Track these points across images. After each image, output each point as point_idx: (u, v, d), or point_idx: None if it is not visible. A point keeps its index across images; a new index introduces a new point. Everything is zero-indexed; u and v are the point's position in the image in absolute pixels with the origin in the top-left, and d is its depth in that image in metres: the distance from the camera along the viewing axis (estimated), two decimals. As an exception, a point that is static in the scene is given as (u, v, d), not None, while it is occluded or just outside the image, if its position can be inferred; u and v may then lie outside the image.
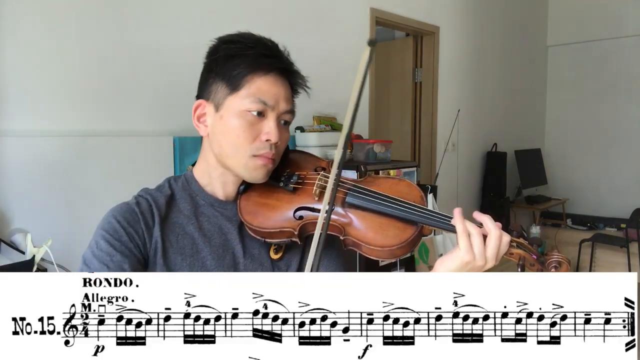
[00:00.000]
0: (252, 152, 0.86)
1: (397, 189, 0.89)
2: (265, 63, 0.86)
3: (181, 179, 0.95)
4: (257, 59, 0.86)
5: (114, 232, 0.83)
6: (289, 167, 0.95)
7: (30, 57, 1.88)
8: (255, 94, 0.85)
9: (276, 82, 0.87)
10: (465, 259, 0.77)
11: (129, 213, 0.86)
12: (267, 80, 0.86)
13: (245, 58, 0.85)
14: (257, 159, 0.87)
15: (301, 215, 0.88)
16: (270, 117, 0.87)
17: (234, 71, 0.85)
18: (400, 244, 0.82)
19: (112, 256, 0.81)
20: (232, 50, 0.86)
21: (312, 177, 0.92)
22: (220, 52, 0.87)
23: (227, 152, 0.88)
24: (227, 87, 0.86)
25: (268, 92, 0.86)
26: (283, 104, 0.88)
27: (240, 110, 0.85)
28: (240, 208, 0.90)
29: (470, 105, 4.39)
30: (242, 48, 0.86)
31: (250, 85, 0.85)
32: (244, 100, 0.85)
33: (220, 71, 0.87)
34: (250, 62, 0.85)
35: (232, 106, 0.86)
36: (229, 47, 0.87)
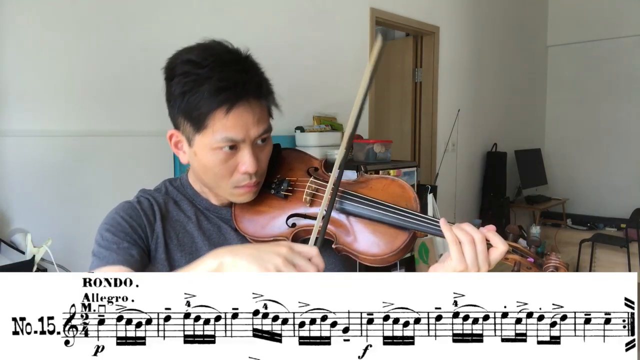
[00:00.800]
0: (234, 185, 0.85)
1: (390, 190, 0.87)
2: (223, 99, 0.77)
3: (177, 182, 0.96)
4: (214, 95, 0.77)
5: (118, 225, 0.83)
6: (280, 172, 0.94)
7: (30, 57, 1.88)
8: (221, 132, 0.79)
9: (241, 113, 0.79)
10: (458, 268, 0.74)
11: (131, 210, 0.86)
12: (231, 116, 0.78)
13: (201, 95, 0.77)
14: (239, 189, 0.86)
15: (294, 223, 0.88)
16: (243, 148, 0.82)
17: (193, 112, 0.79)
18: (392, 252, 0.81)
19: (119, 244, 0.81)
20: (186, 86, 0.79)
21: (303, 182, 0.91)
22: (174, 86, 0.81)
23: (210, 184, 0.88)
24: (191, 126, 0.81)
25: (233, 127, 0.79)
26: (254, 131, 0.81)
27: (211, 149, 0.81)
28: (234, 216, 0.91)
29: (470, 105, 4.39)
30: (195, 82, 0.78)
31: (214, 124, 0.79)
32: (211, 139, 0.80)
33: (180, 107, 0.81)
34: (207, 101, 0.77)
35: (202, 144, 0.82)
36: (182, 81, 0.79)
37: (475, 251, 0.74)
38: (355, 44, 3.25)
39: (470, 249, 0.74)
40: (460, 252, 0.74)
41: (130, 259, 0.80)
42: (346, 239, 0.84)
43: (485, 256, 0.75)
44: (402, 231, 0.82)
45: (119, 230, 0.83)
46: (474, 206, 4.59)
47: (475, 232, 0.76)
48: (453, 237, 0.75)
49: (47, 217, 1.89)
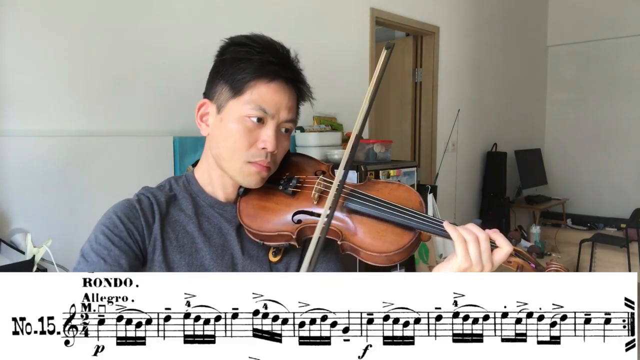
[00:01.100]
0: (248, 159, 0.87)
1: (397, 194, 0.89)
2: (270, 70, 0.85)
3: (182, 179, 0.96)
4: (263, 65, 0.84)
5: (114, 227, 0.83)
6: (288, 171, 0.95)
7: (30, 57, 1.88)
8: (256, 101, 0.84)
9: (279, 90, 0.86)
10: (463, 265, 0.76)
11: (130, 209, 0.86)
12: (270, 88, 0.85)
13: (251, 63, 0.84)
14: (251, 166, 0.87)
15: (299, 219, 0.88)
16: (269, 125, 0.86)
17: (238, 75, 0.85)
18: (398, 250, 0.82)
19: (110, 250, 0.81)
20: (240, 54, 0.85)
21: (312, 180, 0.92)
22: (228, 54, 0.87)
23: (224, 155, 0.88)
24: (230, 91, 0.86)
25: (270, 100, 0.85)
26: (284, 113, 0.87)
27: (240, 116, 0.85)
28: (239, 210, 0.91)
29: (470, 105, 4.39)
30: (249, 52, 0.85)
31: (253, 91, 0.85)
32: (244, 106, 0.85)
33: (226, 73, 0.86)
34: (255, 68, 0.84)
35: (233, 110, 0.86)
36: (237, 50, 0.86)
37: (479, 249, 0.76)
38: (355, 44, 3.25)
39: (475, 247, 0.76)
40: (466, 249, 0.76)
41: (118, 269, 0.80)
42: (352, 237, 0.85)
43: (489, 255, 0.77)
44: (407, 231, 0.83)
45: (114, 234, 0.82)
46: (474, 206, 4.59)
47: (480, 232, 0.78)
48: (459, 235, 0.77)
49: (47, 217, 1.89)
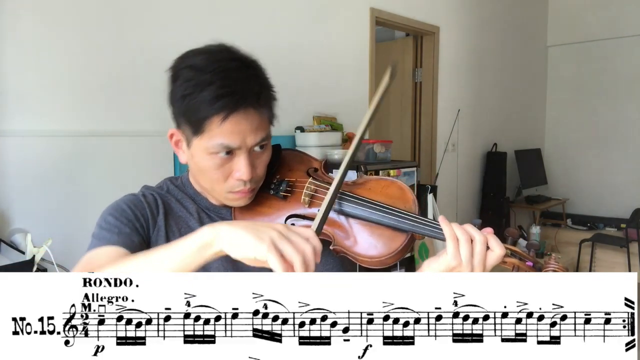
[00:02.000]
0: (228, 190, 0.86)
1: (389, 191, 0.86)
2: (221, 106, 0.78)
3: (178, 181, 0.97)
4: (213, 101, 0.78)
5: (122, 212, 0.84)
6: (279, 172, 0.94)
7: (30, 56, 1.88)
8: (218, 138, 0.80)
9: (239, 121, 0.80)
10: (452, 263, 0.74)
11: (136, 201, 0.88)
12: (228, 123, 0.79)
13: (201, 100, 0.78)
14: (234, 194, 0.87)
15: (292, 223, 0.87)
16: (239, 155, 0.83)
17: (192, 115, 0.80)
18: (390, 254, 0.80)
19: (121, 228, 0.82)
20: (187, 89, 0.79)
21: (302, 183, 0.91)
22: (176, 88, 0.82)
23: (206, 187, 0.89)
24: (190, 129, 0.82)
25: (231, 134, 0.80)
26: (251, 139, 0.82)
27: (207, 153, 0.82)
28: (234, 216, 0.91)
29: (470, 105, 4.39)
30: (196, 86, 0.79)
31: (212, 130, 0.80)
32: (208, 144, 0.81)
33: (181, 109, 0.82)
34: (206, 107, 0.78)
35: (199, 147, 0.83)
36: (184, 86, 0.80)
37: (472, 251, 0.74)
38: (356, 44, 3.25)
39: (467, 248, 0.74)
40: (457, 248, 0.74)
41: (131, 243, 0.80)
42: (344, 241, 0.83)
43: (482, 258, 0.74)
44: (400, 233, 0.81)
45: (123, 217, 0.83)
46: (474, 206, 4.59)
47: (476, 233, 0.75)
48: (451, 232, 0.75)
49: (47, 217, 1.89)
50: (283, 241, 0.64)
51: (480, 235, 0.75)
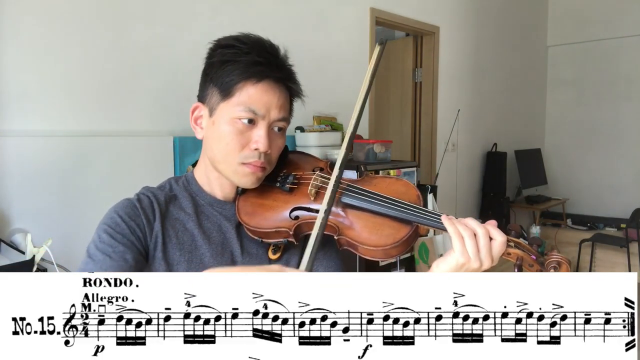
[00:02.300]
0: (241, 160, 0.87)
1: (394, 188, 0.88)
2: (256, 71, 0.84)
3: (182, 179, 0.97)
4: (250, 66, 0.84)
5: (116, 226, 0.84)
6: (286, 168, 0.96)
7: (30, 57, 1.88)
8: (246, 103, 0.84)
9: (268, 90, 0.85)
10: (460, 260, 0.76)
11: (130, 208, 0.87)
12: (258, 89, 0.85)
13: (238, 65, 0.84)
14: (245, 167, 0.87)
15: (297, 216, 0.88)
16: (260, 125, 0.86)
17: (226, 78, 0.85)
18: (395, 244, 0.81)
19: (114, 247, 0.81)
20: (226, 56, 0.85)
21: (308, 177, 0.92)
22: (215, 56, 0.87)
23: (218, 157, 0.89)
24: (219, 94, 0.86)
25: (259, 100, 0.84)
26: (275, 112, 0.86)
27: (230, 118, 0.85)
28: (238, 208, 0.91)
29: (470, 105, 4.39)
30: (236, 54, 0.85)
31: (241, 93, 0.84)
32: (234, 108, 0.85)
33: (214, 76, 0.86)
34: (242, 70, 0.84)
35: (223, 113, 0.86)
36: (224, 52, 0.86)
37: (477, 245, 0.76)
38: (355, 44, 3.24)
39: (472, 243, 0.76)
40: (463, 245, 0.76)
41: (124, 264, 0.80)
42: (349, 231, 0.85)
43: (488, 250, 0.76)
44: (404, 224, 0.83)
45: (117, 232, 0.83)
46: (474, 206, 4.59)
47: (478, 227, 0.77)
48: (455, 230, 0.77)
49: (47, 217, 1.89)
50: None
51: (482, 228, 0.77)
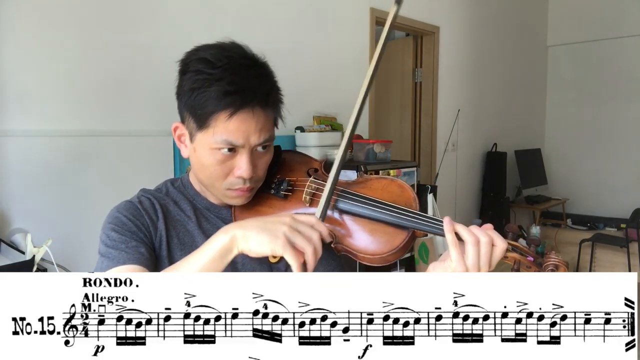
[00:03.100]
0: (227, 187, 0.86)
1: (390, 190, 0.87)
2: (229, 102, 0.78)
3: (178, 182, 0.96)
4: (221, 97, 0.78)
5: (122, 225, 0.84)
6: (279, 172, 0.95)
7: (30, 57, 1.88)
8: (222, 135, 0.80)
9: (244, 120, 0.80)
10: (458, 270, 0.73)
11: (133, 209, 0.87)
12: (233, 121, 0.79)
13: (209, 95, 0.78)
14: (232, 192, 0.87)
15: None
16: (241, 153, 0.83)
17: (198, 109, 0.80)
18: (392, 251, 0.80)
19: (127, 242, 0.81)
20: (196, 83, 0.80)
21: (302, 182, 0.91)
22: (185, 82, 0.82)
23: (204, 182, 0.89)
24: (195, 123, 0.82)
25: (236, 131, 0.80)
26: (254, 138, 0.82)
27: (210, 148, 0.82)
28: (234, 217, 0.91)
29: (470, 105, 4.39)
30: (206, 80, 0.79)
31: (216, 126, 0.80)
32: (212, 139, 0.81)
33: (187, 102, 0.82)
34: (213, 102, 0.78)
35: (202, 142, 0.83)
36: (194, 78, 0.80)
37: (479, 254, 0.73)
38: (355, 44, 3.24)
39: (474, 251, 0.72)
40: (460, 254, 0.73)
41: (141, 257, 0.80)
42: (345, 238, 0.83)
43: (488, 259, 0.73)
44: (401, 230, 0.81)
45: (125, 230, 0.83)
46: (474, 206, 4.59)
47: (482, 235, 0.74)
48: (453, 239, 0.74)
49: (47, 217, 1.89)
50: (294, 234, 0.69)
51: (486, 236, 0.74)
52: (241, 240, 0.69)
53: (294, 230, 0.69)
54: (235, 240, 0.69)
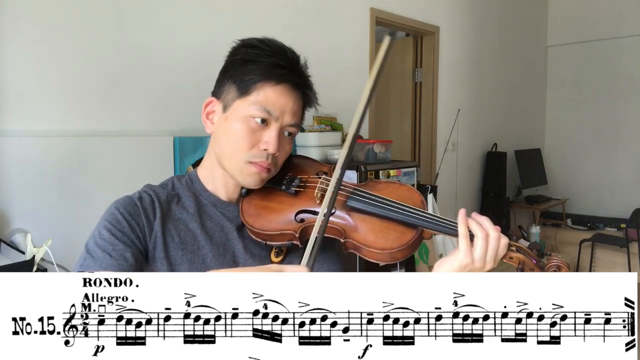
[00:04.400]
0: (249, 159, 0.87)
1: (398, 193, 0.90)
2: (277, 73, 0.86)
3: (185, 178, 0.97)
4: (271, 68, 0.86)
5: (117, 223, 0.84)
6: (290, 171, 0.96)
7: (30, 57, 1.88)
8: (262, 102, 0.85)
9: (285, 93, 0.87)
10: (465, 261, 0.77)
11: (131, 206, 0.87)
12: (276, 91, 0.86)
13: (260, 65, 0.86)
14: (252, 166, 0.88)
15: (302, 218, 0.88)
16: (272, 127, 0.87)
17: (246, 76, 0.86)
18: (400, 247, 0.82)
19: (115, 245, 0.81)
20: (250, 55, 0.87)
21: (314, 180, 0.92)
22: (239, 55, 0.88)
23: (226, 153, 0.89)
24: (237, 91, 0.87)
25: (275, 102, 0.86)
26: (288, 117, 0.88)
27: (244, 115, 0.86)
28: (242, 210, 0.91)
29: (470, 105, 4.39)
30: (259, 54, 0.87)
31: (259, 93, 0.86)
32: (250, 107, 0.86)
33: (234, 74, 0.88)
34: (263, 70, 0.86)
35: (238, 110, 0.87)
36: (247, 52, 0.88)
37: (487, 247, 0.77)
38: (355, 44, 3.24)
39: (482, 244, 0.77)
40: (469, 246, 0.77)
41: (124, 263, 0.80)
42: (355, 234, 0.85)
43: (494, 254, 0.77)
44: (409, 228, 0.84)
45: (117, 230, 0.83)
46: (474, 206, 4.59)
47: (492, 230, 0.78)
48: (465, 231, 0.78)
49: (47, 217, 1.89)
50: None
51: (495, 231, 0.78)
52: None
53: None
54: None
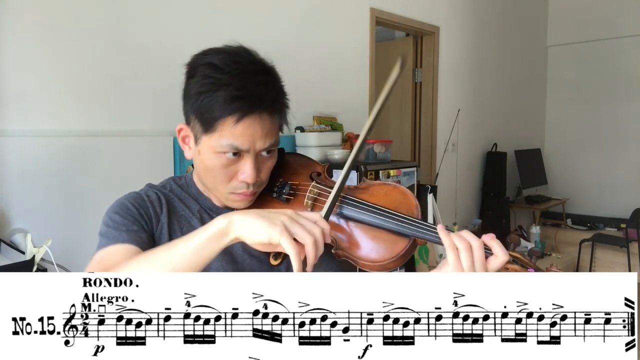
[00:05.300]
0: (230, 190, 0.86)
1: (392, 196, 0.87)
2: (235, 108, 0.79)
3: (182, 181, 0.97)
4: (228, 102, 0.78)
5: (127, 210, 0.85)
6: (282, 175, 0.95)
7: (30, 57, 1.88)
8: (227, 139, 0.80)
9: (250, 125, 0.80)
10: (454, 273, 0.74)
11: (139, 199, 0.88)
12: (240, 126, 0.80)
13: (216, 99, 0.79)
14: (235, 196, 0.87)
15: None
16: (246, 158, 0.83)
17: (205, 113, 0.80)
18: (392, 258, 0.80)
19: (128, 226, 0.82)
20: (204, 87, 0.80)
21: (305, 186, 0.91)
22: (192, 85, 0.82)
23: (208, 185, 0.90)
24: (200, 126, 0.83)
25: (241, 136, 0.80)
26: (260, 143, 0.82)
27: (215, 152, 0.82)
28: None
29: (470, 105, 4.39)
30: (213, 85, 0.79)
31: (222, 130, 0.80)
32: (217, 143, 0.81)
33: (193, 105, 0.82)
34: (220, 106, 0.79)
35: (207, 145, 0.83)
36: (200, 82, 0.81)
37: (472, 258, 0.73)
38: (356, 44, 3.24)
39: (467, 256, 0.73)
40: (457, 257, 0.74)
41: (140, 240, 0.81)
42: (346, 244, 0.83)
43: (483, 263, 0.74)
44: (402, 237, 0.81)
45: (128, 215, 0.84)
46: (474, 206, 4.59)
47: (473, 239, 0.75)
48: (450, 242, 0.74)
49: (47, 217, 1.89)
50: (294, 224, 0.67)
51: (477, 240, 0.75)
52: (238, 224, 0.67)
53: (294, 221, 0.68)
54: (232, 225, 0.68)
